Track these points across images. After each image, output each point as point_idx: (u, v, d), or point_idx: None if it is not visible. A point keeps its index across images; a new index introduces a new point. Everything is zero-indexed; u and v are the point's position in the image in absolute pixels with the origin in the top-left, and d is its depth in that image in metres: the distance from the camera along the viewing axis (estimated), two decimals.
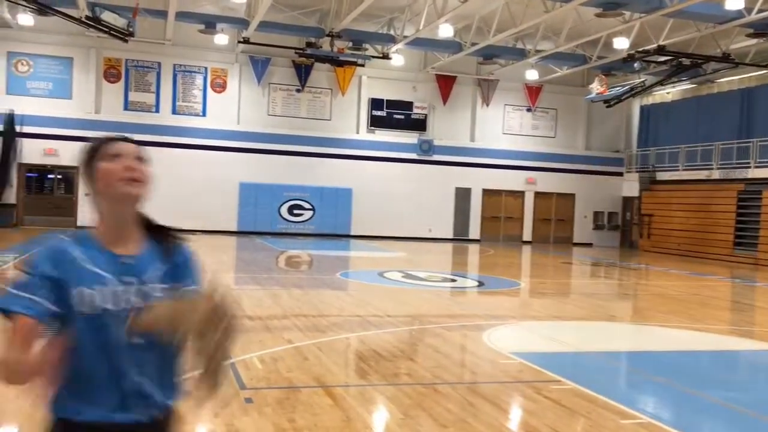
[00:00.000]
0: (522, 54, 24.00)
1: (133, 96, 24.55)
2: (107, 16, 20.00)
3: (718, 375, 7.00)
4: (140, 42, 23.23)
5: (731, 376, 7.13)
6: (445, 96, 27.38)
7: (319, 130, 26.09)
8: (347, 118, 26.59)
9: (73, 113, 23.63)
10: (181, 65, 24.93)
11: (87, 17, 19.80)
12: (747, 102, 23.80)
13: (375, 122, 26.68)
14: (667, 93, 27.47)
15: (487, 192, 27.93)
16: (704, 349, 8.19)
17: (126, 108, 24.44)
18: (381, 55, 24.15)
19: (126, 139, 1.94)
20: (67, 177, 23.94)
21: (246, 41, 23.00)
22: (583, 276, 17.86)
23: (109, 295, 1.77)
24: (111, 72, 24.32)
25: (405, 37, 22.58)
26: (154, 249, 1.89)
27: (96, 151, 1.87)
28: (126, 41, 21.37)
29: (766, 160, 22.07)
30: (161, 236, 1.93)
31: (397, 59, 24.61)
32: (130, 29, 20.66)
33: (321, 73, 25.87)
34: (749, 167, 22.60)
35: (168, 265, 1.89)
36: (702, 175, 24.39)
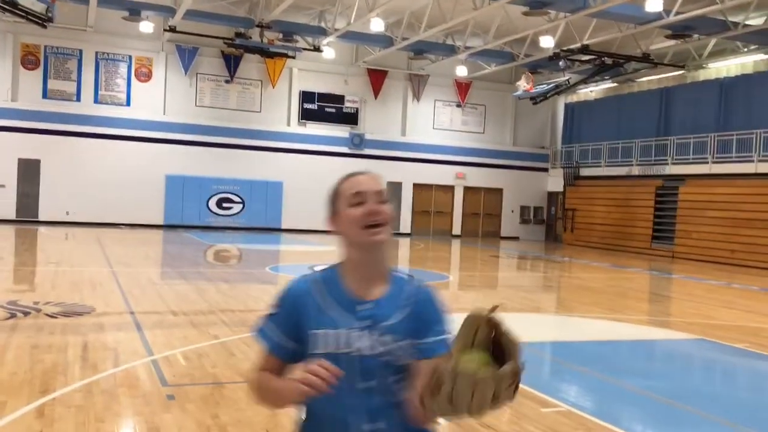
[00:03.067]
0: (452, 50, 24.26)
1: (53, 84, 23.58)
2: (25, 1, 19.11)
3: (636, 364, 7.26)
4: (60, 28, 22.34)
5: (648, 364, 7.41)
6: (376, 90, 27.42)
7: (248, 122, 25.70)
8: (278, 110, 26.29)
9: None
10: (104, 53, 24.09)
11: (3, 1, 18.87)
12: (665, 101, 24.77)
13: (306, 115, 26.49)
14: (591, 91, 28.31)
15: (417, 186, 28.15)
16: (623, 339, 8.49)
17: (45, 96, 23.46)
18: (312, 48, 23.97)
19: (362, 173, 1.87)
20: None
21: (172, 30, 22.41)
22: (510, 269, 18.24)
23: (342, 338, 1.73)
24: (29, 59, 23.29)
25: (336, 30, 22.48)
26: (396, 293, 1.81)
27: (336, 193, 1.83)
28: (45, 27, 20.47)
29: (682, 157, 23.03)
30: (404, 280, 1.85)
31: (329, 52, 24.48)
32: (50, 14, 19.80)
33: (251, 65, 25.48)
34: (667, 164, 23.55)
35: (408, 312, 1.79)
36: (622, 171, 25.27)
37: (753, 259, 19.31)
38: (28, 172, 23.10)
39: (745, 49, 21.99)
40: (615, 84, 27.04)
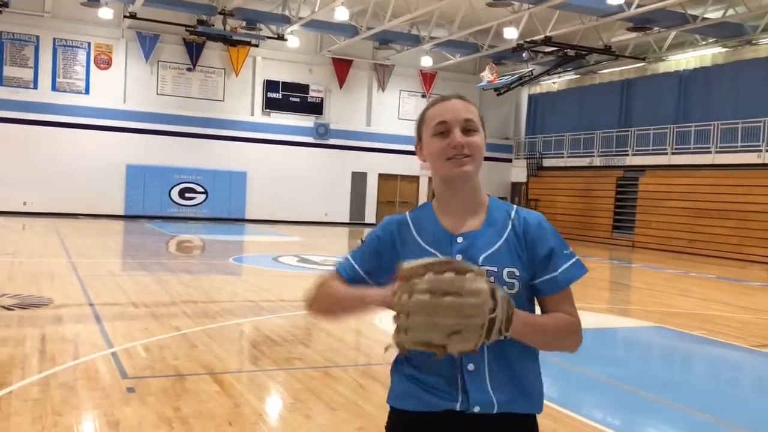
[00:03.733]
0: (417, 40, 24.26)
1: (8, 71, 22.95)
2: None
3: (598, 351, 7.37)
4: (16, 13, 21.75)
5: (609, 352, 7.53)
6: (341, 80, 27.29)
7: (211, 111, 25.38)
8: (241, 99, 26.01)
9: None
10: (62, 39, 23.51)
11: None
12: (626, 93, 25.15)
13: (270, 104, 26.26)
14: (553, 83, 28.59)
15: (382, 176, 28.15)
16: (584, 327, 8.59)
17: (0, 83, 22.82)
18: (276, 36, 23.74)
19: (451, 98, 1.75)
20: None
21: (132, 16, 21.97)
22: None
23: None
24: None
25: (300, 18, 22.29)
26: (493, 222, 1.71)
27: (422, 120, 1.74)
28: (0, 12, 19.89)
29: (642, 148, 23.43)
30: (502, 208, 1.76)
31: (293, 41, 24.28)
32: None
33: (213, 52, 25.14)
34: (627, 155, 23.93)
35: (511, 239, 1.69)
36: (584, 162, 25.61)
37: (710, 248, 19.77)
38: None
39: (704, 42, 22.42)
40: (577, 75, 27.35)
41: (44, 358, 5.48)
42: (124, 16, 22.53)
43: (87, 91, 23.91)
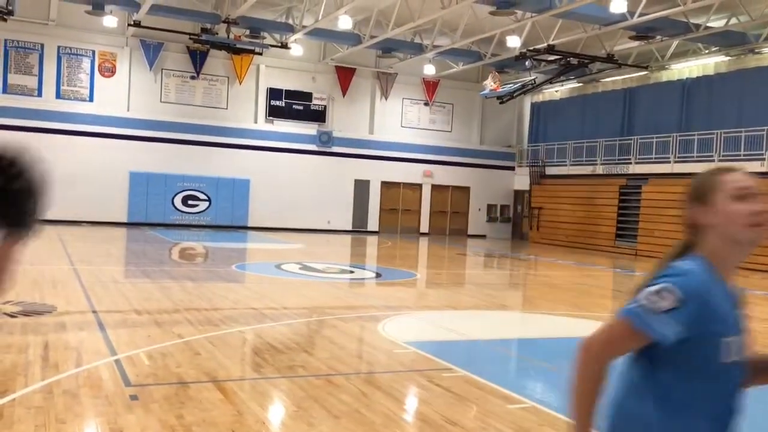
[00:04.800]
0: (420, 49, 24.32)
1: (13, 78, 23.06)
2: None
3: None
4: (21, 21, 21.86)
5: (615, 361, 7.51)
6: (344, 88, 27.36)
7: (215, 119, 25.45)
8: (245, 107, 26.08)
9: None
10: (66, 47, 23.63)
11: None
12: (629, 101, 25.16)
13: (273, 112, 26.33)
14: (556, 91, 28.62)
15: (385, 184, 28.18)
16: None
17: (5, 91, 22.93)
18: (279, 45, 23.82)
19: (742, 171, 1.79)
20: None
21: (137, 24, 22.07)
22: (477, 267, 18.36)
23: (736, 344, 1.69)
24: None
25: (304, 27, 22.37)
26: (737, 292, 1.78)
27: (715, 184, 1.76)
28: (5, 20, 20.01)
29: (645, 156, 23.42)
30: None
31: (296, 49, 24.35)
32: (9, 7, 19.37)
33: (217, 61, 25.23)
34: (630, 163, 23.92)
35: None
36: (587, 170, 25.60)
37: None
38: None
39: (707, 51, 22.44)
40: (580, 84, 27.38)
41: (47, 366, 5.48)
42: (129, 25, 22.64)
43: (91, 99, 24.00)
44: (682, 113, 22.86)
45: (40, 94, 23.35)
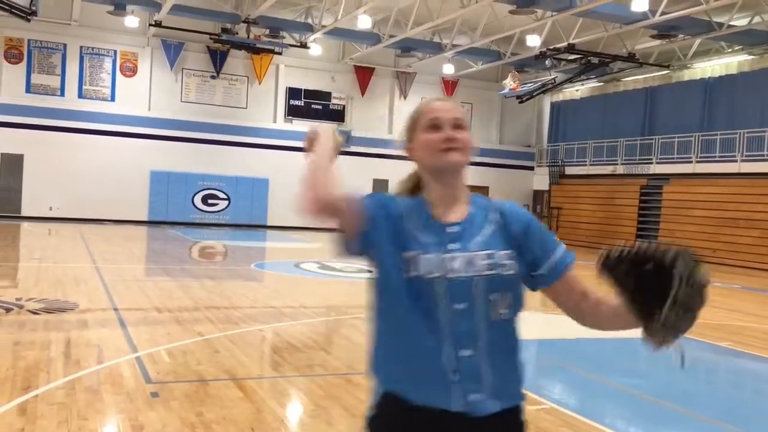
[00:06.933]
0: (439, 48, 24.27)
1: (37, 78, 23.35)
2: None
3: (620, 361, 7.31)
4: (44, 22, 22.12)
5: (632, 362, 7.46)
6: (363, 87, 27.39)
7: (234, 118, 25.59)
8: (264, 106, 26.20)
9: None
10: (88, 47, 23.88)
11: None
12: (650, 101, 24.93)
13: (292, 111, 26.42)
14: (576, 90, 28.44)
15: None
16: (607, 337, 8.52)
17: (28, 90, 23.22)
18: (299, 44, 23.89)
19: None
20: None
21: (158, 24, 22.26)
22: None
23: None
24: (12, 52, 23.04)
25: (323, 26, 22.42)
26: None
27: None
28: (28, 20, 20.25)
29: (667, 156, 23.19)
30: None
31: (315, 49, 24.42)
32: (33, 8, 19.59)
33: (237, 60, 25.37)
34: (651, 163, 23.70)
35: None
36: (608, 170, 25.41)
37: (735, 258, 19.50)
38: (11, 167, 22.86)
39: (729, 50, 22.18)
40: (600, 83, 27.18)
41: (69, 362, 5.55)
42: (150, 25, 22.84)
43: (112, 99, 24.24)
44: (705, 113, 22.60)
45: (62, 94, 23.63)
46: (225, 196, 25.37)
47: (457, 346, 1.65)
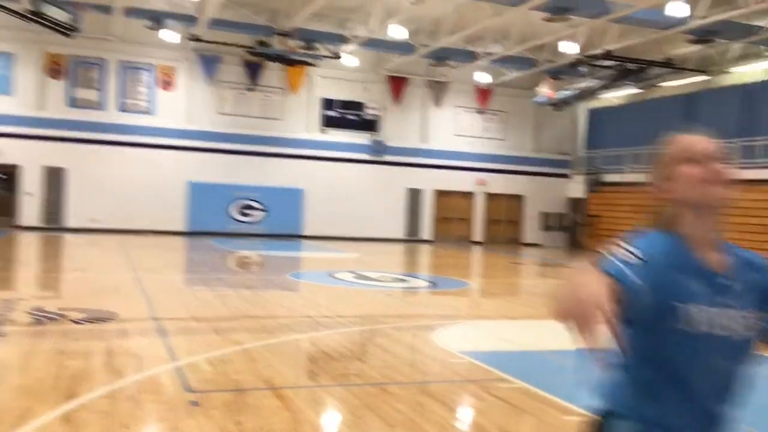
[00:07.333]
0: (472, 56, 24.24)
1: (78, 93, 23.94)
2: (50, 11, 19.43)
3: None
4: (85, 38, 22.66)
5: None
6: (396, 97, 27.47)
7: (270, 130, 25.87)
8: (299, 117, 26.44)
9: (15, 110, 22.92)
10: (127, 62, 24.41)
11: (29, 11, 19.20)
12: (689, 106, 24.52)
13: (327, 122, 26.62)
14: (613, 97, 28.11)
15: (438, 193, 28.12)
16: None
17: (71, 105, 23.81)
18: (333, 55, 24.08)
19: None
20: (7, 175, 23.16)
21: (195, 38, 22.65)
22: (532, 276, 18.13)
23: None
24: (54, 68, 23.65)
25: (356, 37, 22.57)
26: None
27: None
28: (70, 36, 20.79)
29: None
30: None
31: (349, 60, 24.58)
32: (74, 24, 20.10)
33: (272, 72, 25.66)
34: None
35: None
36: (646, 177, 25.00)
37: None
38: (54, 180, 23.44)
39: None
40: (639, 90, 26.82)
41: (111, 371, 5.65)
42: (188, 39, 23.24)
43: (152, 112, 24.72)
44: (745, 118, 22.15)
45: (103, 108, 24.18)
46: (261, 207, 25.64)
47: (715, 402, 1.68)
